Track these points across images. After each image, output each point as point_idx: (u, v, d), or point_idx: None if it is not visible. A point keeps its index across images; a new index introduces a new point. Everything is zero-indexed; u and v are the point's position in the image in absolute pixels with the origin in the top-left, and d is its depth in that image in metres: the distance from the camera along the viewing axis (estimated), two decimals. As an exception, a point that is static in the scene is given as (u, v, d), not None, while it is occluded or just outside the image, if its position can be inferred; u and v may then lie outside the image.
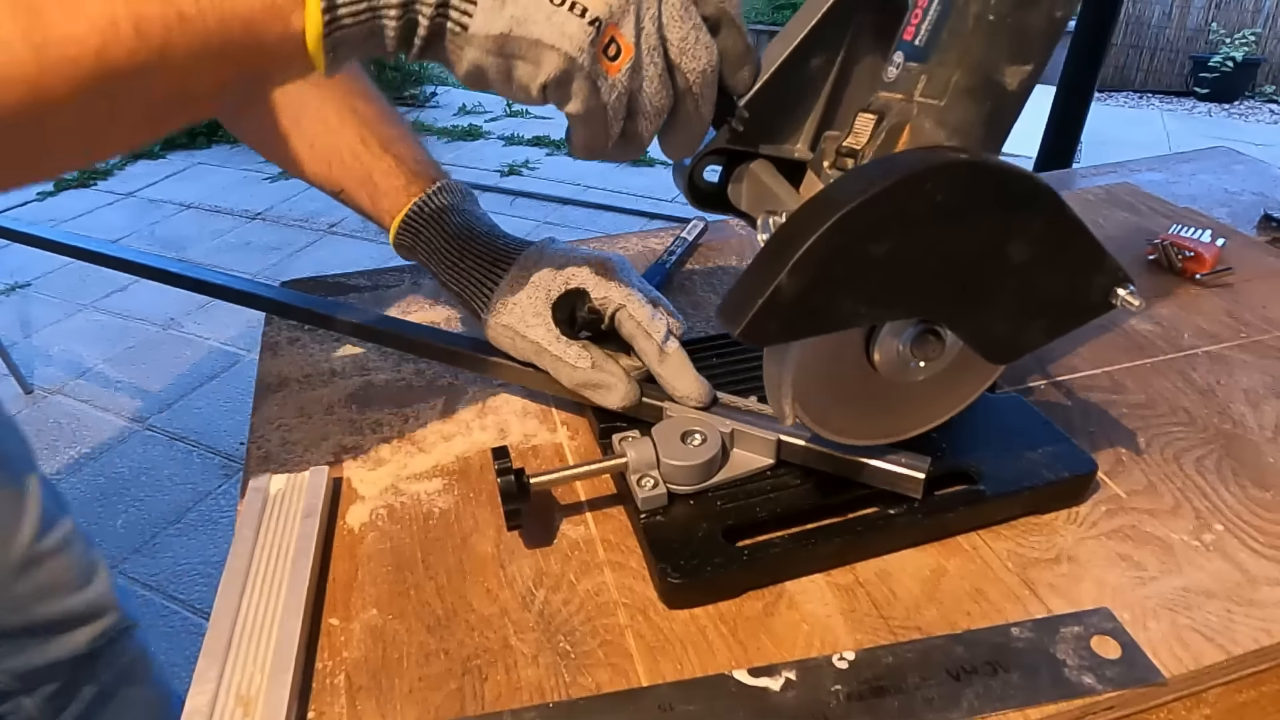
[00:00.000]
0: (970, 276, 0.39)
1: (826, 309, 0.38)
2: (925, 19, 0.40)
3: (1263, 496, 0.51)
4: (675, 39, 0.40)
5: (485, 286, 0.56)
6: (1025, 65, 0.39)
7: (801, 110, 0.49)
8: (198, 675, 0.41)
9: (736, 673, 0.41)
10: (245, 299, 0.69)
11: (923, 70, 0.40)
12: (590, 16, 0.37)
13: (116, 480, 1.96)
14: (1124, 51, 5.47)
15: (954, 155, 0.36)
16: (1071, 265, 0.40)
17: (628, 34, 0.39)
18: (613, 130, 0.41)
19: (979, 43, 0.39)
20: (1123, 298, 0.41)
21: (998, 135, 0.41)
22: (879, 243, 0.36)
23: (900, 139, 0.41)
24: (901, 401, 0.46)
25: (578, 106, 0.40)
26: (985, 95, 0.40)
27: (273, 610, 0.44)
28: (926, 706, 0.39)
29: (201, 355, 2.43)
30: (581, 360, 0.53)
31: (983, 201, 0.37)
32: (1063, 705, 0.39)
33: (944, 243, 0.38)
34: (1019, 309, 0.41)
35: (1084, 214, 0.39)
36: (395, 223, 0.61)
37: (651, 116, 0.42)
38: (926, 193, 0.36)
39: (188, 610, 1.64)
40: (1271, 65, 5.24)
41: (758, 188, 0.48)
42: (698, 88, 0.42)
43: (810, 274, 0.36)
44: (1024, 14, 0.38)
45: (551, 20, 0.37)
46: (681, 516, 0.48)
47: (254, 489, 0.52)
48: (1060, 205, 0.38)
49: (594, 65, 0.38)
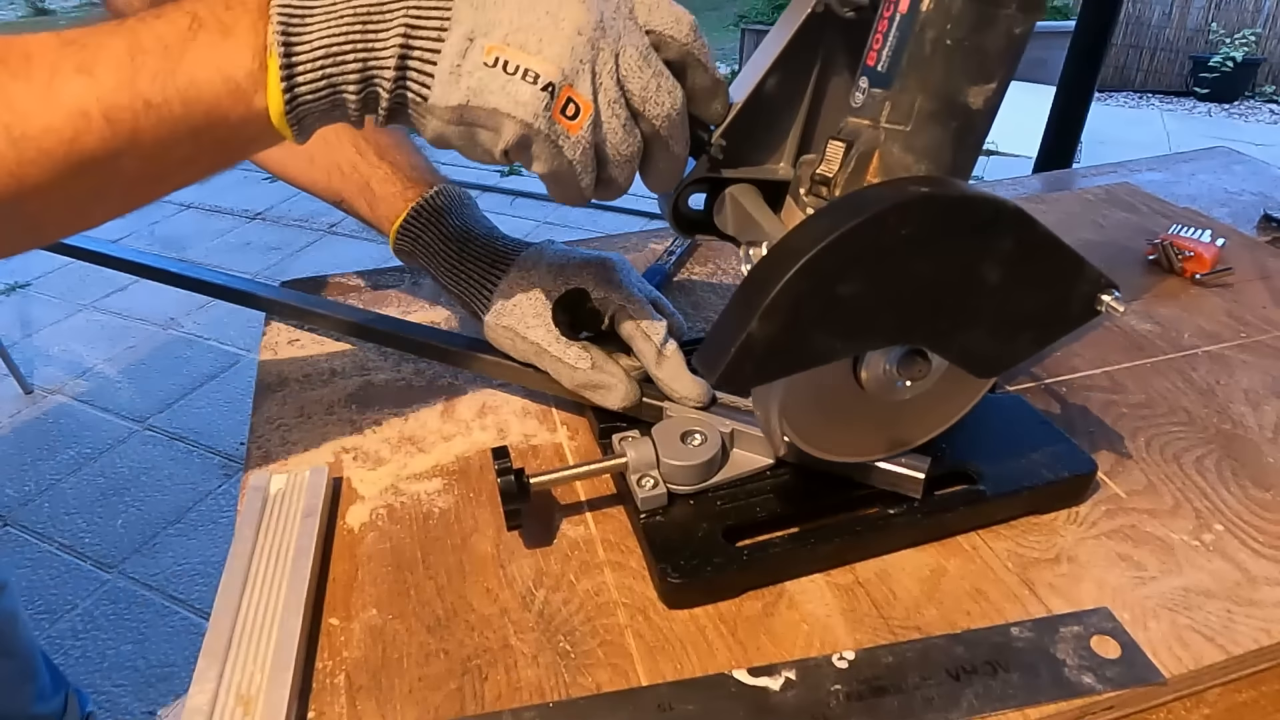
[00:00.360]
0: (946, 301, 0.40)
1: (801, 349, 0.38)
2: (885, 45, 0.39)
3: (1263, 496, 0.51)
4: (636, 89, 0.41)
5: (484, 288, 0.56)
6: (989, 84, 0.39)
7: (779, 132, 0.48)
8: (198, 675, 0.41)
9: (736, 672, 0.41)
10: (245, 299, 0.69)
11: (887, 96, 0.40)
12: (543, 82, 0.38)
13: (116, 480, 1.97)
14: (1124, 51, 5.47)
15: (913, 191, 0.36)
16: (1050, 278, 0.41)
17: (584, 92, 0.39)
18: (583, 182, 0.42)
19: (939, 67, 0.38)
20: (1107, 303, 0.41)
21: (968, 153, 0.41)
22: (846, 282, 0.37)
23: (870, 166, 0.41)
24: (897, 417, 0.46)
25: (543, 167, 0.41)
26: (950, 117, 0.40)
27: (273, 610, 0.44)
28: (926, 706, 0.39)
29: (201, 355, 2.43)
30: (581, 361, 0.53)
31: (948, 231, 0.37)
32: (1062, 705, 0.39)
33: (915, 273, 0.38)
34: (1001, 325, 0.42)
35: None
36: (393, 228, 0.61)
37: (622, 164, 0.42)
38: (889, 230, 0.36)
39: (187, 610, 1.64)
40: (1271, 65, 5.24)
41: (740, 214, 0.48)
42: (665, 131, 0.43)
43: (780, 319, 0.37)
44: (981, 35, 0.38)
45: (506, 90, 0.38)
46: (681, 516, 0.48)
47: (254, 488, 0.52)
48: (1029, 223, 0.38)
49: (552, 128, 0.39)
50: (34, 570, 1.72)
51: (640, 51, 0.40)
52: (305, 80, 0.37)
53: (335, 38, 0.37)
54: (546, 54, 0.38)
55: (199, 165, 0.40)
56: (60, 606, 1.65)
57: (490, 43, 0.38)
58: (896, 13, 0.39)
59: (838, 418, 0.45)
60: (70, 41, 0.36)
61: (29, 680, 0.80)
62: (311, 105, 0.38)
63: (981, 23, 0.37)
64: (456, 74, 0.38)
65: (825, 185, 0.43)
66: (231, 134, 0.39)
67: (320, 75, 0.38)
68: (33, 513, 1.88)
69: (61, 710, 0.84)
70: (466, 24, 0.38)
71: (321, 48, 0.37)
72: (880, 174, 0.41)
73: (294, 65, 0.37)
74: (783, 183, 0.49)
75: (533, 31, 0.38)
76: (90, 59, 0.35)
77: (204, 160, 0.40)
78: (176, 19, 0.37)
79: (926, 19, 0.38)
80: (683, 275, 0.78)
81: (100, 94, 0.35)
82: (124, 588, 1.69)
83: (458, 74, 0.38)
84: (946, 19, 0.37)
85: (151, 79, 0.36)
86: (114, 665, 1.53)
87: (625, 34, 0.40)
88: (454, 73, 0.38)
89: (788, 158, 0.49)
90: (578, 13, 0.39)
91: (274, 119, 0.38)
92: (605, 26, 0.39)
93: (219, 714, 0.39)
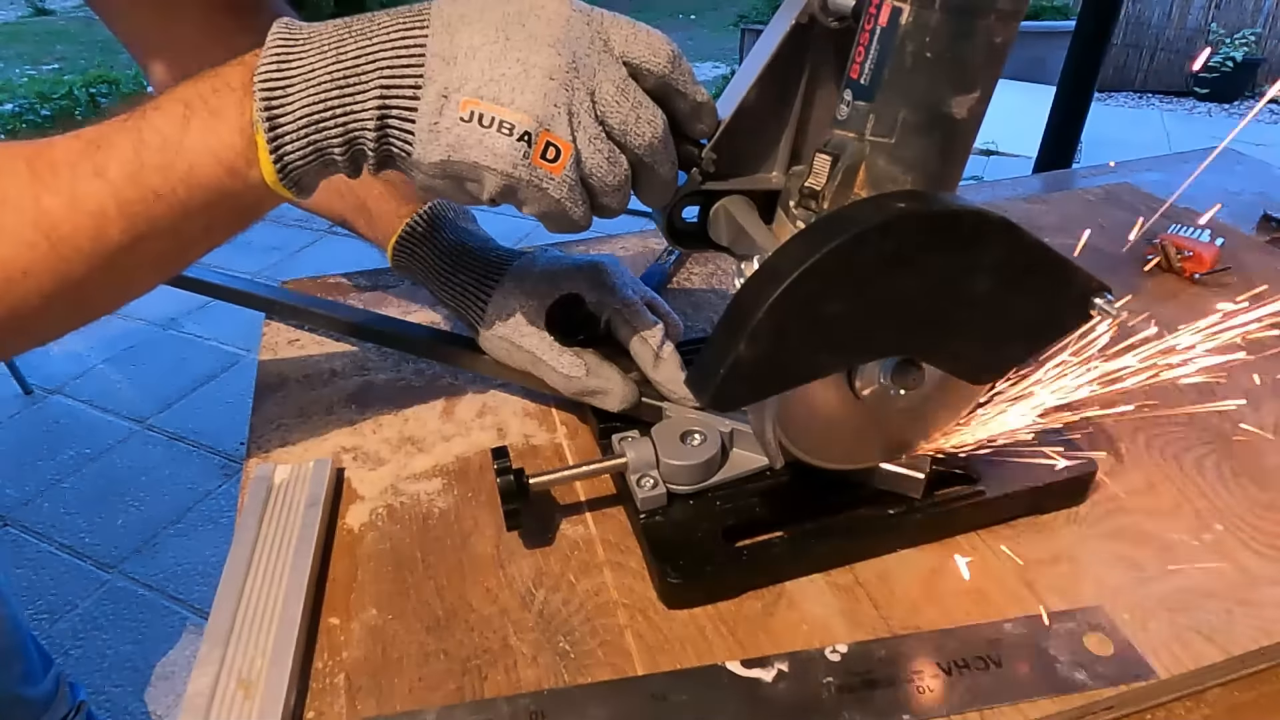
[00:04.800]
0: (935, 313, 0.40)
1: (790, 367, 0.39)
2: (867, 58, 0.39)
3: (1262, 496, 0.51)
4: (615, 123, 0.41)
5: (479, 299, 0.56)
6: (971, 94, 0.38)
7: (770, 141, 0.48)
8: (200, 659, 0.41)
9: (729, 664, 0.42)
10: (245, 299, 0.69)
11: (870, 109, 0.40)
12: (519, 133, 0.39)
13: (116, 480, 1.97)
14: (1124, 51, 5.47)
15: (894, 208, 0.36)
16: (1039, 286, 0.40)
17: (563, 134, 0.40)
18: (575, 215, 0.43)
19: (921, 80, 0.38)
20: (1100, 307, 0.41)
21: (954, 162, 0.41)
22: (831, 302, 0.37)
23: (857, 179, 0.41)
24: (896, 422, 0.46)
25: (532, 209, 0.42)
26: (935, 128, 0.39)
27: (275, 597, 0.45)
28: (917, 699, 0.40)
29: (201, 355, 2.43)
30: (576, 369, 0.53)
31: (931, 246, 0.37)
32: (1061, 703, 0.39)
33: (900, 288, 0.38)
34: (992, 334, 0.42)
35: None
36: (390, 244, 0.61)
37: (611, 192, 0.43)
38: (871, 249, 0.36)
39: (187, 610, 1.64)
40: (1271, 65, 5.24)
41: (734, 227, 0.48)
42: (649, 157, 0.43)
43: (767, 341, 0.37)
44: (962, 47, 0.37)
45: (483, 144, 0.39)
46: (681, 516, 0.48)
47: (258, 478, 0.52)
48: (1015, 233, 0.38)
49: (534, 174, 0.40)
50: (34, 570, 1.72)
51: (617, 85, 0.41)
52: (292, 149, 0.40)
53: (316, 105, 0.39)
54: (520, 104, 0.39)
55: (217, 234, 0.44)
56: (60, 606, 1.65)
57: (464, 97, 0.39)
58: (877, 26, 0.38)
59: (835, 427, 0.45)
60: (89, 143, 0.40)
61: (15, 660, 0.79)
62: (302, 169, 0.41)
63: (961, 34, 0.37)
64: (435, 131, 0.40)
65: (814, 198, 0.43)
66: (238, 205, 0.42)
67: (306, 142, 0.40)
68: (33, 513, 1.88)
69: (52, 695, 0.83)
70: (439, 81, 0.39)
71: (303, 117, 0.39)
72: (867, 186, 0.41)
73: (280, 137, 0.39)
74: (777, 191, 0.49)
75: (505, 82, 0.39)
76: (104, 161, 0.39)
77: (220, 229, 0.44)
78: (172, 110, 0.40)
79: (906, 32, 0.37)
80: (682, 275, 0.78)
81: (114, 192, 0.39)
82: (124, 588, 1.69)
83: (436, 131, 0.40)
84: (925, 32, 0.37)
85: (156, 172, 0.39)
86: (114, 665, 1.53)
87: (601, 68, 0.41)
88: (432, 130, 0.40)
89: (780, 166, 0.49)
90: (548, 57, 0.39)
91: (272, 186, 0.41)
92: (579, 65, 0.40)
93: (220, 698, 0.40)
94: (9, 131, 3.96)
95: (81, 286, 0.41)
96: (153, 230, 0.40)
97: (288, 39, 0.40)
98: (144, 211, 0.40)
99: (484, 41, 0.39)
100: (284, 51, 0.39)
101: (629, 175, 0.43)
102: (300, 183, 0.41)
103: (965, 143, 0.41)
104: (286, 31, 0.40)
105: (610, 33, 0.41)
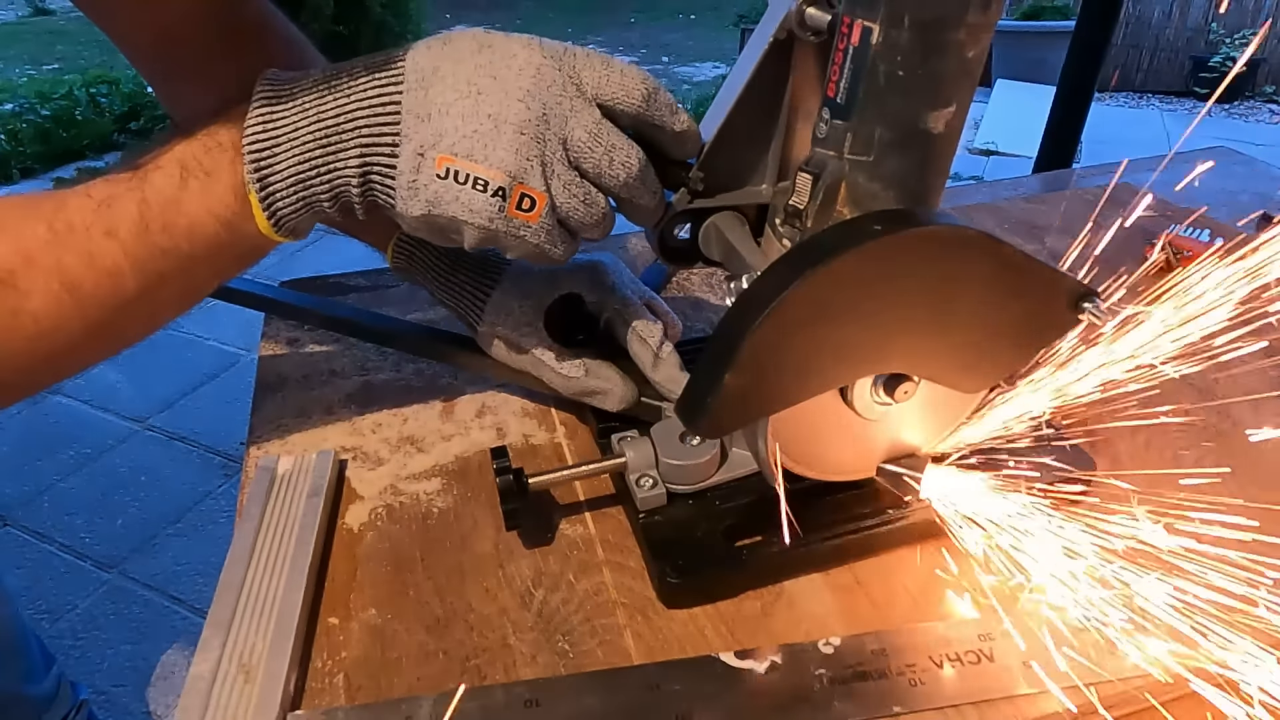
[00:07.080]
0: (919, 328, 0.40)
1: (778, 391, 0.39)
2: (842, 78, 0.39)
3: (1262, 496, 0.51)
4: (589, 167, 0.42)
5: (478, 300, 0.56)
6: (948, 108, 0.38)
7: (758, 154, 0.48)
8: (202, 644, 0.42)
9: (723, 654, 0.42)
10: (245, 299, 0.69)
11: (848, 128, 0.40)
12: (493, 189, 0.41)
13: (116, 480, 1.96)
14: (1124, 51, 5.47)
15: (871, 232, 0.37)
16: (1025, 295, 0.40)
17: (536, 185, 0.41)
18: (556, 254, 0.44)
19: (895, 98, 0.38)
20: (1089, 310, 0.41)
21: (935, 175, 0.41)
22: (813, 327, 0.37)
23: (838, 197, 0.41)
24: (893, 429, 0.46)
25: (514, 254, 0.45)
26: (912, 144, 0.39)
27: (276, 584, 0.45)
28: (909, 691, 0.40)
29: (201, 355, 2.43)
30: (575, 370, 0.53)
31: (911, 266, 0.38)
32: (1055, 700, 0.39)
33: (883, 308, 0.38)
34: (981, 344, 0.42)
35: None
36: (389, 245, 0.61)
37: (591, 227, 0.44)
38: (850, 274, 0.37)
39: (187, 610, 1.64)
40: (1271, 65, 5.23)
41: (724, 244, 0.48)
42: (626, 192, 0.44)
43: (751, 370, 0.37)
44: (934, 63, 0.37)
45: (460, 200, 0.41)
46: (680, 516, 0.48)
47: (263, 468, 0.53)
48: (995, 246, 0.38)
49: (509, 225, 0.42)
50: (34, 570, 1.72)
51: (589, 131, 0.41)
52: (284, 205, 0.42)
53: (302, 165, 0.41)
54: (492, 160, 0.40)
55: (225, 274, 0.47)
56: (60, 606, 1.65)
57: (439, 154, 0.40)
58: (849, 45, 0.38)
59: (830, 439, 0.45)
60: (100, 203, 0.42)
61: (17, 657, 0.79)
62: (295, 221, 0.43)
63: (931, 51, 0.37)
64: (414, 188, 0.41)
65: (798, 217, 0.43)
66: (239, 252, 0.45)
67: (296, 198, 0.42)
68: (33, 513, 1.88)
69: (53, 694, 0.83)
70: (415, 139, 0.40)
71: (291, 175, 0.41)
72: (849, 204, 0.41)
73: (271, 195, 0.42)
74: (767, 205, 0.49)
75: (477, 139, 0.40)
76: (114, 221, 0.41)
77: (228, 271, 0.47)
78: (170, 170, 0.42)
79: (877, 52, 0.37)
80: (682, 275, 0.78)
81: (125, 250, 0.41)
82: (124, 588, 1.69)
83: (415, 188, 0.41)
84: (897, 50, 0.37)
85: (160, 231, 0.42)
86: (114, 665, 1.53)
87: (573, 114, 0.41)
88: (411, 188, 0.41)
89: (769, 179, 0.49)
90: (517, 112, 0.40)
91: (268, 235, 0.43)
92: (549, 116, 0.41)
93: (221, 682, 0.40)
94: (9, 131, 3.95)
95: (107, 329, 0.44)
96: (164, 280, 0.43)
97: (271, 97, 0.41)
98: (154, 266, 0.42)
99: (456, 97, 0.40)
100: (268, 111, 0.41)
101: (608, 210, 0.44)
102: (295, 230, 0.44)
103: (945, 156, 0.41)
104: (270, 89, 0.42)
105: (583, 75, 0.42)
